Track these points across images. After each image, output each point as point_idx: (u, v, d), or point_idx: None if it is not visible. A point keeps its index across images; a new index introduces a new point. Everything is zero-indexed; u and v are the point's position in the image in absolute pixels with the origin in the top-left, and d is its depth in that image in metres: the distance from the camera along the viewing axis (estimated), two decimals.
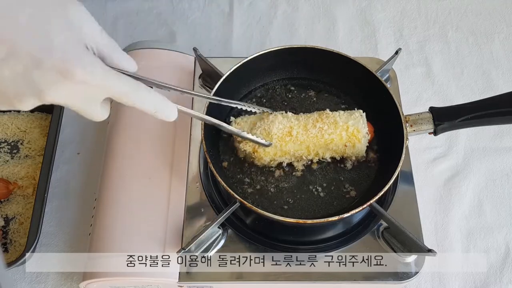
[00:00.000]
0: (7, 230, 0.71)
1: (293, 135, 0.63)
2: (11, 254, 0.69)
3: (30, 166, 0.76)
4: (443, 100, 0.87)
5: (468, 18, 0.98)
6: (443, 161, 0.81)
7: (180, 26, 0.96)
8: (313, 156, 0.66)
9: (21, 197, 0.74)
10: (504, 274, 0.72)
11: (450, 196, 0.78)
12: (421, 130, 0.66)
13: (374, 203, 0.60)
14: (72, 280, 0.70)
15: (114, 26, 0.94)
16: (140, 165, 0.69)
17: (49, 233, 0.74)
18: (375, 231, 0.65)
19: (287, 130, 0.64)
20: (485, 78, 0.90)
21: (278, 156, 0.65)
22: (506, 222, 0.76)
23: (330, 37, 0.95)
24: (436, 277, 0.71)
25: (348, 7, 0.99)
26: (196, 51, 0.74)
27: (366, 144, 0.65)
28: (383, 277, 0.62)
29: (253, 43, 0.94)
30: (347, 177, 0.67)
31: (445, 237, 0.74)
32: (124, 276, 0.61)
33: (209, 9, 0.98)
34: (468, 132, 0.83)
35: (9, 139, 0.79)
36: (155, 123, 0.73)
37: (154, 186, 0.67)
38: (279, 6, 0.99)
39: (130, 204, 0.66)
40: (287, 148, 0.64)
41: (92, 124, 0.84)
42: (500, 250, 0.74)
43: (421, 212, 0.66)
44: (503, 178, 0.80)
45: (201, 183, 0.68)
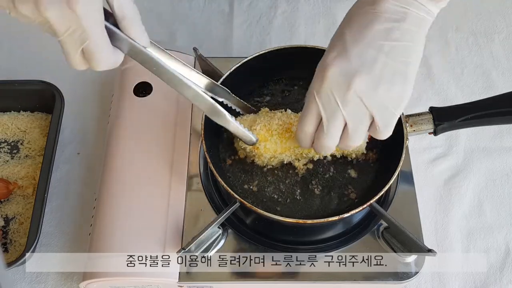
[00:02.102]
0: (7, 230, 0.71)
1: (292, 132, 0.63)
2: (11, 254, 0.69)
3: (30, 166, 0.76)
4: (443, 100, 0.87)
5: (468, 18, 0.98)
6: (443, 161, 0.81)
7: (180, 26, 0.96)
8: (313, 154, 0.66)
9: (21, 197, 0.74)
10: (504, 274, 0.71)
11: (450, 196, 0.78)
12: (421, 130, 0.66)
13: (374, 203, 0.61)
14: (72, 280, 0.70)
15: None
16: (140, 165, 0.69)
17: (49, 233, 0.74)
18: (375, 231, 0.65)
19: (286, 126, 0.64)
20: (485, 78, 0.90)
21: (278, 153, 0.65)
22: (506, 222, 0.76)
23: (330, 37, 0.94)
24: (436, 277, 0.71)
25: (348, 7, 0.98)
26: (196, 51, 0.74)
27: (366, 140, 0.65)
28: (383, 277, 0.62)
29: (253, 43, 0.94)
30: (347, 177, 0.67)
31: (445, 237, 0.74)
32: (124, 276, 0.61)
33: (209, 9, 0.98)
34: (468, 132, 0.83)
35: (9, 139, 0.79)
36: (155, 123, 0.73)
37: (154, 186, 0.67)
38: (279, 6, 0.99)
39: (130, 204, 0.66)
40: (287, 145, 0.64)
41: (92, 124, 0.84)
42: (500, 250, 0.74)
43: (421, 212, 0.67)
44: (503, 178, 0.80)
45: (201, 183, 0.69)
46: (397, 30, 0.51)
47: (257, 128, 0.63)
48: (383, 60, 0.51)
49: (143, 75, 0.75)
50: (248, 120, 0.66)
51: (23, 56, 0.90)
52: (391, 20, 0.51)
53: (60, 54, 0.48)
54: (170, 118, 0.73)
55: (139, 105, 0.74)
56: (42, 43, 0.85)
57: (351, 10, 0.56)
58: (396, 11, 0.52)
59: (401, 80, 0.52)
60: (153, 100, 0.74)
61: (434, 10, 0.54)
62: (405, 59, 0.52)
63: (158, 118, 0.73)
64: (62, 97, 0.76)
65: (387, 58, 0.51)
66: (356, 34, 0.52)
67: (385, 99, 0.51)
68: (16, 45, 0.91)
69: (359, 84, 0.50)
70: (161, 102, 0.74)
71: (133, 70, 0.77)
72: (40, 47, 0.89)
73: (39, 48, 0.89)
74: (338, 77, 0.51)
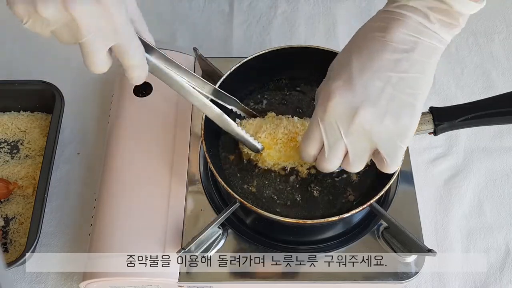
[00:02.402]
0: (7, 230, 0.71)
1: (297, 141, 0.63)
2: (11, 254, 0.69)
3: (30, 166, 0.76)
4: (443, 100, 0.87)
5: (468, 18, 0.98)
6: (443, 161, 0.81)
7: (180, 26, 0.96)
8: None
9: (21, 197, 0.74)
10: (504, 274, 0.71)
11: (450, 196, 0.78)
12: (421, 130, 0.66)
13: (374, 203, 0.61)
14: (72, 280, 0.70)
15: None
16: (140, 165, 0.69)
17: (49, 233, 0.74)
18: (375, 231, 0.65)
19: (291, 135, 0.63)
20: (485, 78, 0.90)
21: (282, 161, 0.65)
22: (506, 222, 0.76)
23: (330, 37, 0.95)
24: (436, 277, 0.71)
25: (348, 7, 0.98)
26: (196, 51, 0.74)
27: None
28: (383, 277, 0.62)
29: (253, 43, 0.94)
30: (348, 178, 0.67)
31: (445, 237, 0.74)
32: (124, 276, 0.61)
33: (209, 9, 0.98)
34: (468, 132, 0.83)
35: (9, 139, 0.79)
36: (155, 123, 0.73)
37: (154, 186, 0.67)
38: (279, 6, 0.99)
39: (130, 204, 0.66)
40: (291, 154, 0.64)
41: (92, 124, 0.84)
42: (500, 250, 0.74)
43: (421, 212, 0.67)
44: (503, 178, 0.80)
45: (201, 183, 0.69)
46: (405, 61, 0.49)
47: (262, 136, 0.63)
48: (390, 92, 0.49)
49: None
50: (254, 125, 0.65)
51: (23, 56, 0.90)
52: (400, 51, 0.50)
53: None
54: (170, 118, 0.73)
55: (139, 105, 0.74)
56: (42, 43, 0.85)
57: (359, 33, 0.54)
58: (406, 40, 0.50)
59: (409, 113, 0.50)
60: (153, 100, 0.74)
61: (447, 37, 0.52)
62: (414, 91, 0.50)
63: (158, 118, 0.73)
64: (62, 97, 0.76)
65: (394, 90, 0.49)
66: (363, 62, 0.50)
67: (391, 131, 0.50)
68: (17, 45, 0.91)
69: (364, 117, 0.49)
70: (161, 102, 0.74)
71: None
72: (40, 47, 0.89)
73: (39, 48, 0.89)
74: (342, 108, 0.50)
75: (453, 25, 0.51)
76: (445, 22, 0.51)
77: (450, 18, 0.51)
